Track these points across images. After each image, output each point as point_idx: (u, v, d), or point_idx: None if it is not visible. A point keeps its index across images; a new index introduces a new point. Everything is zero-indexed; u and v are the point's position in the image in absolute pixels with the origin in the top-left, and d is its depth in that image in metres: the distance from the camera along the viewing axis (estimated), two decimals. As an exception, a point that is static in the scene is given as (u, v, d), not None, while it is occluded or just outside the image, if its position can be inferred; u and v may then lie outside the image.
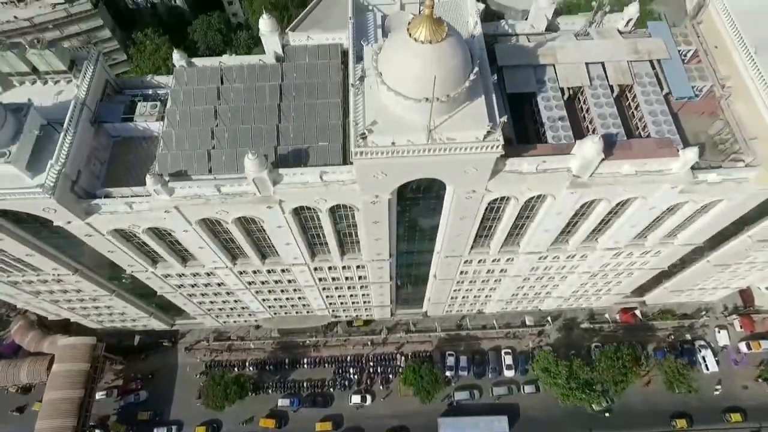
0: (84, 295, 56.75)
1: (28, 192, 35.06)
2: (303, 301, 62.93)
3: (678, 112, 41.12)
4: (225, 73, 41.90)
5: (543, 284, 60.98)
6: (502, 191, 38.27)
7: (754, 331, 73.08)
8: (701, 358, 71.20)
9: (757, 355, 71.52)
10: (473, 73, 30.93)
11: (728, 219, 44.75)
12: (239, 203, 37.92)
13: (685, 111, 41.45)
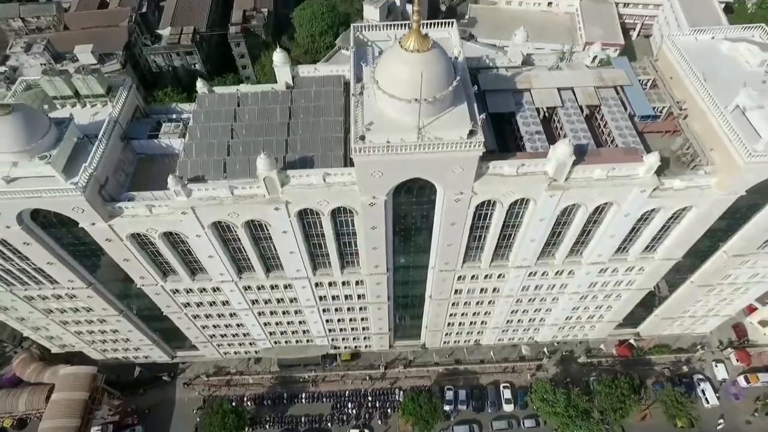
0: (93, 316, 58.79)
1: (63, 191, 39.15)
2: (303, 326, 64.59)
3: (643, 131, 46.33)
4: (241, 98, 47.81)
5: (536, 308, 62.98)
6: (487, 194, 42.28)
7: (750, 364, 73.44)
8: (701, 391, 71.00)
9: (756, 388, 71.39)
10: (456, 80, 36.32)
11: (700, 228, 48.22)
12: (250, 204, 41.86)
13: (649, 130, 46.70)
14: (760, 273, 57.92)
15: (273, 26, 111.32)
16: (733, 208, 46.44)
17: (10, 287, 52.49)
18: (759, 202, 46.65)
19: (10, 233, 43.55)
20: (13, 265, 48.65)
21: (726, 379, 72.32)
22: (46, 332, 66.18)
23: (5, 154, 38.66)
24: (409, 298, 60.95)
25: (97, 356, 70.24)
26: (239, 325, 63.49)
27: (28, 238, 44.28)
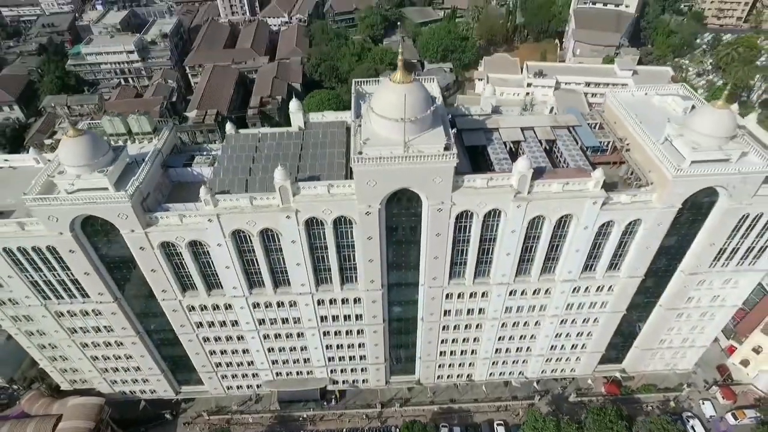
0: (112, 337, 63.80)
1: (114, 199, 47.82)
2: (304, 353, 68.83)
3: (595, 162, 55.87)
4: (261, 137, 58.36)
5: (520, 334, 67.74)
6: (464, 204, 50.64)
7: (736, 402, 75.57)
8: (690, 428, 72.53)
9: (744, 425, 72.97)
10: (433, 107, 46.73)
11: (652, 242, 55.58)
12: (265, 213, 50.13)
13: (599, 161, 56.27)
14: (719, 296, 63.85)
15: (285, 110, 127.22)
16: (676, 224, 54.59)
17: (46, 301, 58.61)
18: (697, 218, 54.69)
19: (61, 240, 51.24)
20: (54, 275, 55.47)
21: (714, 416, 74.14)
22: (61, 363, 70.45)
23: (73, 167, 47.90)
24: (402, 322, 66.11)
25: (106, 389, 73.12)
26: (245, 351, 67.88)
27: (75, 246, 51.85)
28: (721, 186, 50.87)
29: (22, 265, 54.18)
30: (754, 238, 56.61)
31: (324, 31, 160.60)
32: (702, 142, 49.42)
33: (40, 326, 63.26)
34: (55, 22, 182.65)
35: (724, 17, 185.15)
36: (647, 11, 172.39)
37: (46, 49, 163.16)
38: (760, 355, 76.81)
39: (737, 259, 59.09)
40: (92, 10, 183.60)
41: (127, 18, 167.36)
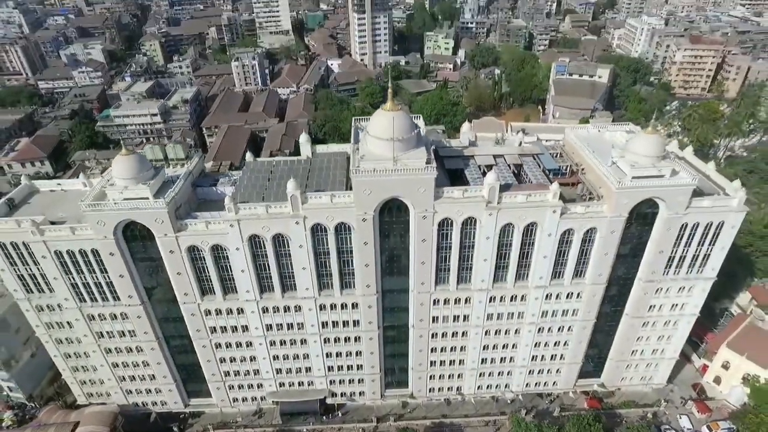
0: (133, 342, 70.92)
1: (154, 205, 58.00)
2: (306, 362, 75.28)
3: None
4: (276, 163, 69.70)
5: (503, 343, 74.55)
6: (444, 212, 60.48)
7: (711, 415, 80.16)
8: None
9: (718, 438, 77.45)
10: (416, 130, 58.20)
11: (609, 249, 64.57)
12: (278, 219, 59.96)
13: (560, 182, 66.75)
14: (677, 304, 71.69)
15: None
16: (628, 233, 64.13)
17: (81, 303, 66.68)
18: (645, 228, 64.21)
19: (104, 243, 60.62)
20: (93, 277, 64.13)
21: (690, 429, 78.58)
22: (82, 374, 76.89)
23: (122, 180, 58.58)
24: (395, 330, 73.29)
25: (121, 400, 78.45)
26: (252, 358, 74.43)
27: (115, 249, 61.13)
28: (659, 198, 60.99)
29: (67, 267, 63.06)
30: (696, 246, 65.73)
31: (328, 98, 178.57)
32: (639, 161, 60.41)
33: (71, 332, 70.77)
34: (86, 93, 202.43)
35: (689, 87, 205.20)
36: (619, 82, 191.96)
37: (77, 113, 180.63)
38: (729, 371, 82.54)
39: (686, 267, 67.80)
40: (121, 81, 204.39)
41: (152, 87, 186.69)
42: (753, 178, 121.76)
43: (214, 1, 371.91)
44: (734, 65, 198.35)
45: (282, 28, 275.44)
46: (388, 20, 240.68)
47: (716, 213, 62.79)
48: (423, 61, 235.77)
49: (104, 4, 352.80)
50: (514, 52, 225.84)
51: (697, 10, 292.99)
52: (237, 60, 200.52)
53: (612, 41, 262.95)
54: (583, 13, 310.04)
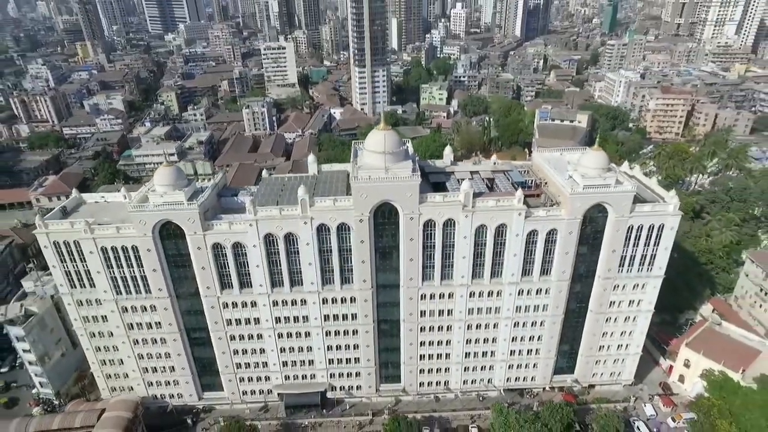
0: (159, 334, 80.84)
1: (187, 207, 70.38)
2: (309, 354, 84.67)
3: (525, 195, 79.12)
4: (288, 179, 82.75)
5: (483, 337, 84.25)
6: (428, 214, 72.57)
7: (675, 408, 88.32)
8: (636, 428, 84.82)
9: (681, 427, 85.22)
10: (404, 146, 71.54)
11: (569, 248, 76.06)
12: (289, 219, 72.05)
13: (528, 194, 79.49)
14: (634, 300, 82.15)
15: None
16: (584, 234, 75.93)
17: (118, 296, 77.40)
18: (598, 229, 76.04)
19: (143, 240, 72.37)
20: (130, 271, 75.31)
21: (653, 415, 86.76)
22: (109, 367, 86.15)
23: (162, 187, 71.30)
24: (388, 324, 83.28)
25: (142, 392, 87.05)
26: (261, 350, 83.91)
27: (151, 245, 72.81)
28: (607, 203, 73.33)
29: (110, 261, 74.43)
30: (643, 246, 77.24)
31: (331, 140, 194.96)
32: (589, 173, 73.35)
33: (105, 325, 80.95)
34: (107, 137, 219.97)
35: (664, 132, 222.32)
36: (598, 127, 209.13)
37: (99, 155, 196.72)
38: (691, 369, 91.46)
39: (636, 265, 78.93)
40: (141, 125, 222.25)
41: (169, 132, 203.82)
42: (715, 207, 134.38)
43: (225, 59, 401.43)
44: (703, 112, 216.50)
45: (288, 82, 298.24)
46: (386, 74, 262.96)
47: (656, 216, 74.87)
48: (419, 110, 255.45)
49: (123, 61, 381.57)
50: (503, 101, 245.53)
51: (671, 66, 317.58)
52: (248, 107, 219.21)
53: (594, 93, 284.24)
54: (567, 68, 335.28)
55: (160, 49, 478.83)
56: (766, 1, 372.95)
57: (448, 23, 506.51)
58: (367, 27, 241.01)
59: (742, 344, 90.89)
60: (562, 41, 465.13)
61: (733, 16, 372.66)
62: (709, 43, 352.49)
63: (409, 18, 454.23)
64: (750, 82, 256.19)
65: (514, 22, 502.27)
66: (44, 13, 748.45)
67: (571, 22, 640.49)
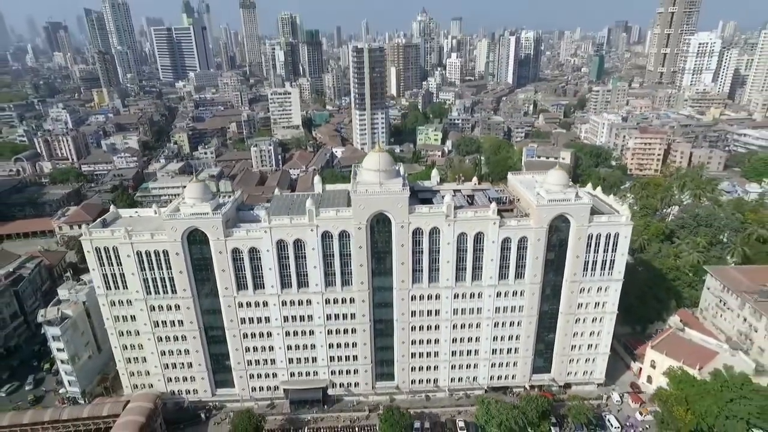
0: (180, 331, 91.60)
1: (212, 216, 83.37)
2: (313, 352, 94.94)
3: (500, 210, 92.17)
4: (297, 196, 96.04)
5: (468, 336, 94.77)
6: (416, 223, 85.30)
7: (643, 404, 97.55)
8: (608, 421, 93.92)
9: (648, 420, 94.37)
10: (396, 166, 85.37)
11: (539, 253, 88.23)
12: (298, 227, 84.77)
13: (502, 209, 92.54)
14: (599, 302, 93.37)
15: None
16: (551, 242, 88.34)
17: (147, 296, 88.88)
18: (563, 238, 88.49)
19: (173, 245, 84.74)
20: (160, 272, 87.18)
21: (619, 401, 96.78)
22: (133, 365, 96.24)
23: (191, 199, 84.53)
24: (383, 324, 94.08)
25: (162, 389, 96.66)
26: (270, 348, 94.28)
27: (180, 249, 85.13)
28: (568, 214, 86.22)
29: (143, 264, 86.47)
30: (603, 252, 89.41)
31: (333, 175, 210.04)
32: (552, 189, 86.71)
33: (133, 324, 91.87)
34: (123, 174, 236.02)
35: (644, 169, 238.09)
36: (581, 163, 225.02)
37: (117, 188, 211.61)
38: (656, 369, 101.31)
39: (598, 270, 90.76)
40: (157, 162, 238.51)
41: (183, 167, 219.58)
42: (684, 231, 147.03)
43: (233, 104, 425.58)
44: (679, 150, 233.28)
45: (293, 124, 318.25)
46: (385, 117, 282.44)
47: (612, 226, 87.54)
48: (415, 149, 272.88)
49: (137, 105, 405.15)
50: (493, 141, 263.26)
51: (652, 110, 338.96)
52: (256, 146, 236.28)
53: (580, 134, 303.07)
54: (555, 112, 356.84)
55: (171, 95, 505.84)
56: (738, 53, 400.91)
57: (444, 71, 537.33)
58: (367, 74, 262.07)
59: (701, 347, 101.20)
60: (551, 88, 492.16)
61: (709, 66, 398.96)
62: (688, 90, 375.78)
63: (408, 67, 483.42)
64: (723, 124, 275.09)
65: (506, 71, 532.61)
66: (60, 63, 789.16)
67: (561, 71, 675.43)
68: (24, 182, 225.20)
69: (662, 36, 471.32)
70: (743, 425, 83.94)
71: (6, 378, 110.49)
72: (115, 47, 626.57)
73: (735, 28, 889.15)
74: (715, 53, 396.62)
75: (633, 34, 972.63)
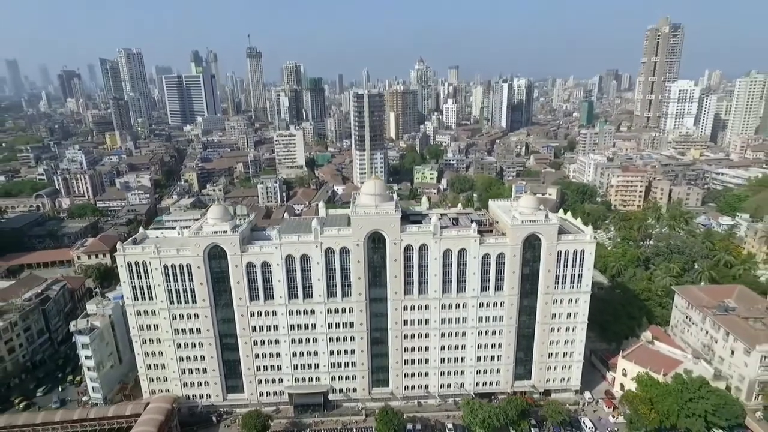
0: (197, 338, 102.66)
1: (230, 234, 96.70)
2: (315, 359, 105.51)
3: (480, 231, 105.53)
4: (303, 219, 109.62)
5: (455, 344, 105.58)
6: (407, 240, 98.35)
7: (615, 408, 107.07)
8: (583, 423, 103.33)
9: (619, 423, 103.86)
10: (390, 192, 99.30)
11: (515, 268, 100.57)
12: (304, 244, 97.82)
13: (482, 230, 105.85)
14: (571, 312, 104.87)
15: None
16: (525, 257, 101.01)
17: (170, 305, 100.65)
18: (536, 254, 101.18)
19: (195, 259, 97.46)
20: (183, 284, 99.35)
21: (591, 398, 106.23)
22: (153, 371, 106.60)
23: (212, 219, 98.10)
24: (378, 332, 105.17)
25: (178, 393, 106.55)
26: (277, 354, 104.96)
27: (201, 263, 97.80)
28: (539, 233, 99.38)
29: (168, 277, 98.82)
30: (571, 267, 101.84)
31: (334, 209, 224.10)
32: (525, 212, 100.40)
33: (156, 333, 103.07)
34: (136, 209, 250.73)
35: (627, 205, 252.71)
36: (567, 199, 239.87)
37: (132, 221, 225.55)
38: (627, 377, 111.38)
39: (569, 283, 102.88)
40: (170, 198, 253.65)
41: (194, 202, 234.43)
42: (659, 259, 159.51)
43: (239, 146, 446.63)
44: (659, 188, 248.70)
45: (297, 164, 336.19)
46: (384, 157, 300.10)
47: (578, 244, 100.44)
48: (412, 187, 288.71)
49: (149, 147, 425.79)
50: (486, 179, 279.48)
51: (637, 151, 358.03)
52: (262, 183, 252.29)
53: (568, 173, 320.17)
54: (545, 153, 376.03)
55: (179, 138, 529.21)
56: (717, 99, 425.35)
57: (441, 116, 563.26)
58: (366, 117, 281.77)
59: (667, 356, 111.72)
60: (543, 131, 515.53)
61: (690, 111, 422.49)
62: (671, 133, 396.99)
63: (406, 112, 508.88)
64: (702, 164, 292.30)
65: (500, 115, 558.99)
66: (72, 108, 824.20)
67: (553, 116, 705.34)
68: (44, 217, 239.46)
69: (647, 83, 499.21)
70: (701, 422, 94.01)
71: (32, 388, 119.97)
72: (128, 93, 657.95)
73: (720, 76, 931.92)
74: (694, 99, 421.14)
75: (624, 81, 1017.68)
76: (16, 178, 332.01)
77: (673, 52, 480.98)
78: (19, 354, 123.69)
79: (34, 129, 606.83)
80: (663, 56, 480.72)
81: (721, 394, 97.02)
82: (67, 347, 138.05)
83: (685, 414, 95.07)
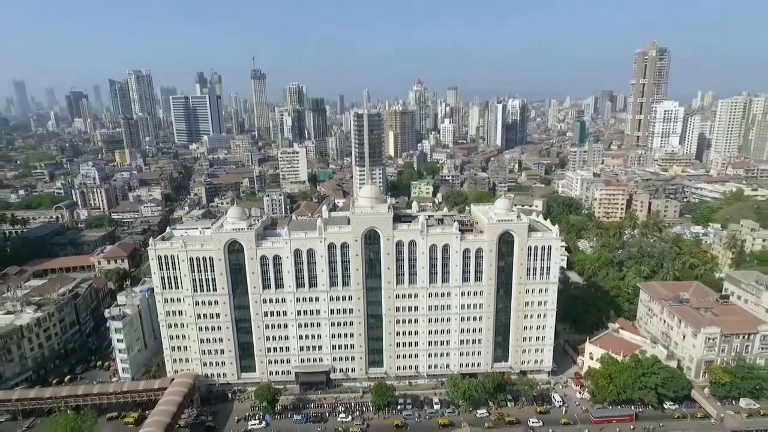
0: (217, 322, 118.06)
1: (246, 231, 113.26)
2: (319, 341, 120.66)
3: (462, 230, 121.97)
4: (308, 219, 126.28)
5: (441, 329, 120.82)
6: (398, 236, 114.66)
7: (582, 385, 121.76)
8: (553, 398, 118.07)
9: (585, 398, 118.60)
10: (385, 196, 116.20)
11: (492, 261, 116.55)
12: (310, 239, 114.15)
13: (462, 229, 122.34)
14: (542, 301, 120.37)
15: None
16: (501, 252, 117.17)
17: (194, 293, 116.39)
18: (509, 249, 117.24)
19: (217, 252, 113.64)
20: (205, 274, 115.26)
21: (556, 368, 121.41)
22: (177, 353, 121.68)
23: (232, 218, 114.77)
24: (374, 318, 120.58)
25: (198, 372, 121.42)
26: (286, 337, 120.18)
27: (222, 256, 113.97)
28: (512, 231, 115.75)
29: (194, 268, 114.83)
30: (540, 261, 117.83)
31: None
32: (499, 212, 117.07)
33: (181, 318, 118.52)
34: (149, 220, 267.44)
35: (610, 216, 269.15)
36: (552, 211, 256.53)
37: (146, 231, 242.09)
38: (593, 359, 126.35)
39: (539, 275, 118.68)
40: (181, 209, 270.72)
41: (204, 213, 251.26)
42: (631, 261, 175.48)
43: (244, 163, 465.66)
44: (639, 201, 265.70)
45: (300, 179, 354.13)
46: (382, 172, 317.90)
47: (546, 240, 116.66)
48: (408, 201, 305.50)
49: (158, 164, 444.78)
50: (478, 193, 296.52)
51: (624, 168, 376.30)
52: (268, 196, 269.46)
53: (558, 188, 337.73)
54: (536, 170, 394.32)
55: (186, 155, 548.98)
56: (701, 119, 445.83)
57: (438, 135, 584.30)
58: (366, 136, 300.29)
59: (629, 342, 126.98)
60: (537, 150, 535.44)
61: (675, 130, 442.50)
62: (658, 151, 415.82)
63: (404, 131, 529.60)
64: (682, 179, 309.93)
65: (495, 134, 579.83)
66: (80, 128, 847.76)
67: (548, 135, 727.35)
68: (63, 227, 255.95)
69: (636, 104, 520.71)
70: (652, 393, 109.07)
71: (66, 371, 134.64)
72: (137, 113, 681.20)
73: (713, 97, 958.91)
74: (679, 119, 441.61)
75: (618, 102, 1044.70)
76: (34, 193, 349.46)
77: (660, 75, 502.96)
78: (55, 342, 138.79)
79: (44, 147, 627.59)
80: (651, 78, 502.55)
81: (670, 369, 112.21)
82: (94, 339, 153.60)
83: (639, 387, 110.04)
